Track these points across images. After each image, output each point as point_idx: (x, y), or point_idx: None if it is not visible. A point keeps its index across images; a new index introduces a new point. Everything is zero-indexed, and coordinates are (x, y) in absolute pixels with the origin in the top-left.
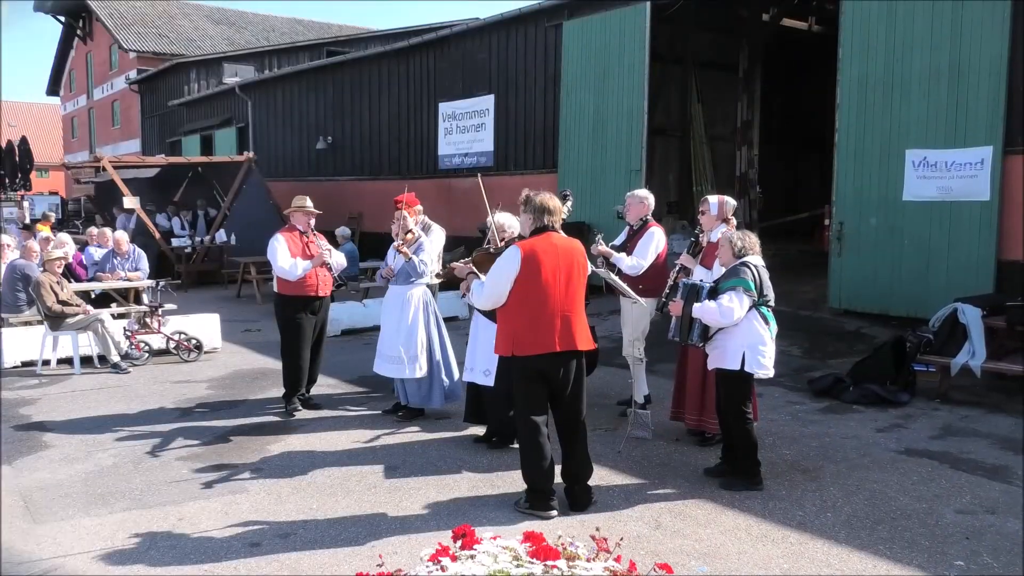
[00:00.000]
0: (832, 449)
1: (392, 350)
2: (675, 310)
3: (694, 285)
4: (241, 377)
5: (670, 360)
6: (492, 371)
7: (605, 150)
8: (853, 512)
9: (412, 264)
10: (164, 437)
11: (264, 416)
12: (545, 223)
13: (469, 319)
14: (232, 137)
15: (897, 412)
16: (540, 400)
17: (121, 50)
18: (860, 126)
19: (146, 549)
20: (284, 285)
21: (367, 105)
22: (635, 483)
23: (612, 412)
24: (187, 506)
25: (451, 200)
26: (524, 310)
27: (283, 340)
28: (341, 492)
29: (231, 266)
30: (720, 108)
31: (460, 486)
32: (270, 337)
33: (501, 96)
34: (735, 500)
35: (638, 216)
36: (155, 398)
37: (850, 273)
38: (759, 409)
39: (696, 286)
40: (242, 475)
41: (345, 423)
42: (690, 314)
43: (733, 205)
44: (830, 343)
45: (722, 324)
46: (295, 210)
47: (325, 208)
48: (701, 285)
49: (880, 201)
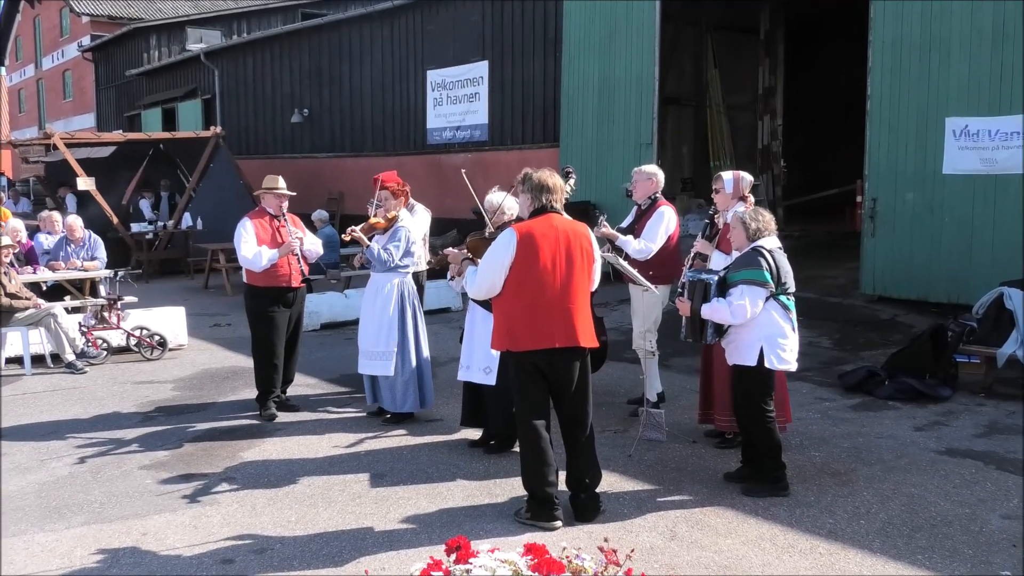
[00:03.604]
0: (865, 450)
1: (369, 344)
2: (683, 309)
3: (700, 281)
4: (210, 377)
5: (686, 354)
6: (493, 368)
7: (612, 122)
8: (889, 519)
9: (371, 252)
10: (125, 444)
11: (236, 420)
12: (545, 203)
13: (463, 310)
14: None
15: (937, 408)
16: (541, 400)
17: (73, 14)
18: (895, 92)
19: (107, 567)
20: (254, 275)
21: (347, 74)
22: (647, 490)
23: (622, 412)
24: (152, 520)
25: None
26: (520, 301)
27: (254, 336)
28: (322, 503)
29: (197, 254)
30: (739, 74)
31: (454, 495)
32: (242, 332)
33: (496, 63)
34: (758, 507)
35: (646, 194)
36: (115, 401)
37: (884, 255)
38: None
39: (703, 282)
40: (212, 485)
41: (326, 427)
42: (699, 313)
43: (750, 182)
44: (862, 333)
45: (735, 323)
46: (265, 192)
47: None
48: (708, 281)
49: (917, 175)
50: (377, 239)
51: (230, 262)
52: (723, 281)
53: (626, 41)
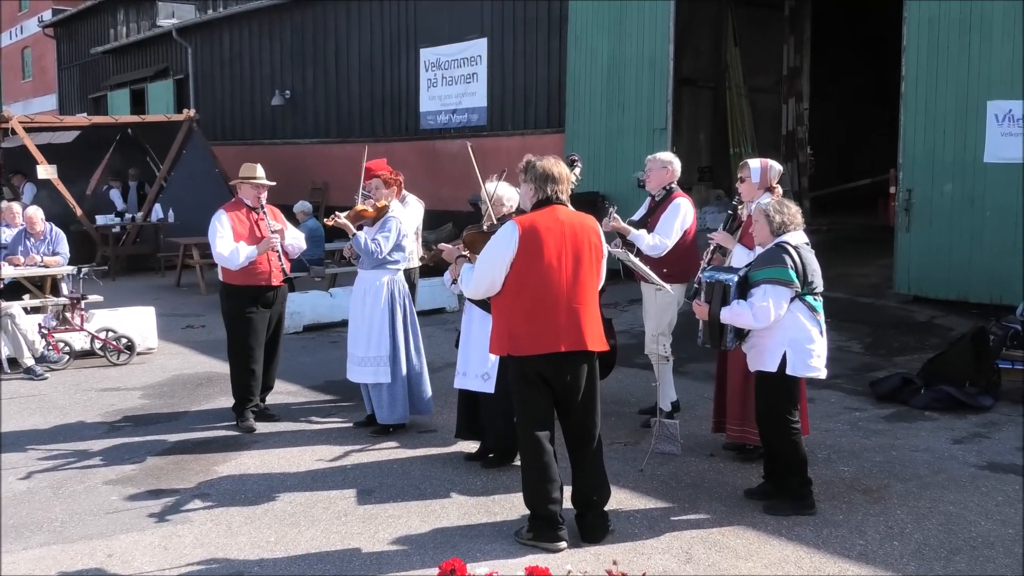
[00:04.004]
0: (899, 464)
1: (358, 349)
2: (700, 313)
3: (718, 283)
4: (182, 383)
5: (702, 359)
6: (492, 374)
7: (622, 106)
8: (925, 540)
9: (358, 241)
10: (89, 457)
11: (210, 431)
12: (549, 194)
13: (459, 311)
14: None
15: (978, 419)
16: (544, 410)
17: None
18: (932, 74)
19: None
20: (230, 273)
21: (333, 52)
22: (661, 508)
23: (633, 422)
24: (118, 539)
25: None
26: (522, 301)
27: (230, 339)
28: (305, 522)
29: (169, 249)
30: (762, 53)
31: (449, 513)
32: (217, 335)
33: (496, 40)
34: (782, 527)
35: (661, 184)
36: (78, 409)
37: (920, 251)
38: (809, 419)
39: (721, 284)
40: (184, 502)
41: (309, 438)
42: (718, 317)
43: (779, 171)
44: (896, 336)
45: (758, 328)
46: (242, 181)
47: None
48: (727, 282)
49: (956, 164)
50: (365, 230)
51: (204, 258)
52: (744, 280)
53: (638, 17)
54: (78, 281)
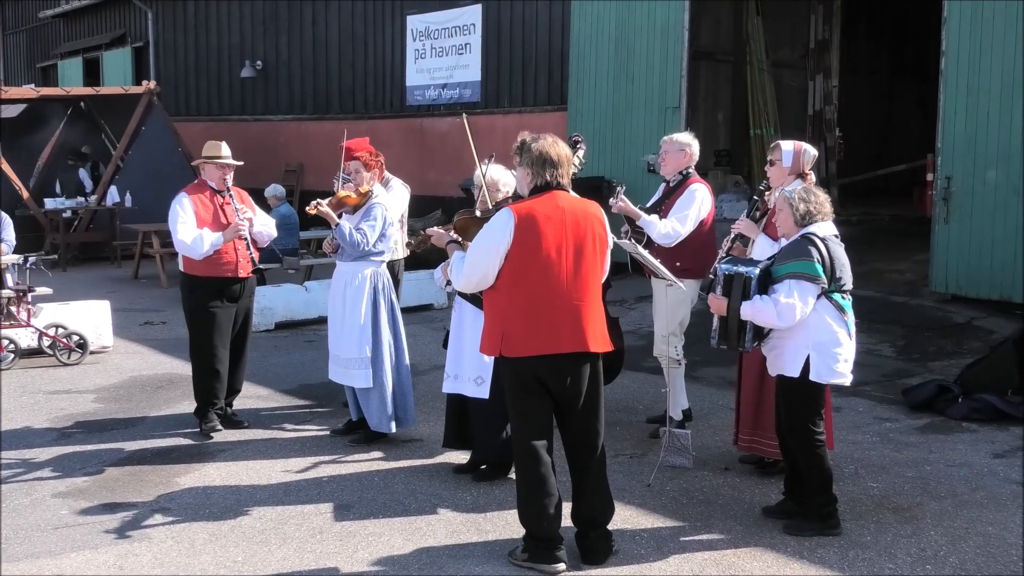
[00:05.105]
0: (934, 480)
1: (342, 350)
2: (717, 308)
3: (738, 275)
4: (140, 386)
5: (717, 363)
6: (486, 378)
7: (632, 81)
8: (961, 563)
9: (341, 231)
10: (36, 467)
11: (171, 438)
12: (548, 179)
13: (448, 308)
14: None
15: (1022, 431)
16: (542, 418)
17: None
18: (975, 49)
19: None
20: (191, 263)
21: (310, 18)
22: (670, 527)
23: (640, 432)
24: (68, 558)
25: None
26: (517, 296)
27: (192, 336)
28: (275, 539)
29: (125, 236)
30: (787, 24)
31: (435, 531)
32: (178, 332)
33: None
34: (803, 549)
35: (677, 168)
36: (23, 414)
37: (960, 246)
38: (835, 430)
39: (742, 276)
40: (142, 517)
41: (281, 448)
42: (737, 313)
43: (813, 156)
44: (932, 340)
45: (780, 327)
46: (205, 161)
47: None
48: (748, 275)
49: (1001, 149)
50: (347, 218)
51: (165, 247)
52: (765, 274)
53: None
54: (24, 272)
